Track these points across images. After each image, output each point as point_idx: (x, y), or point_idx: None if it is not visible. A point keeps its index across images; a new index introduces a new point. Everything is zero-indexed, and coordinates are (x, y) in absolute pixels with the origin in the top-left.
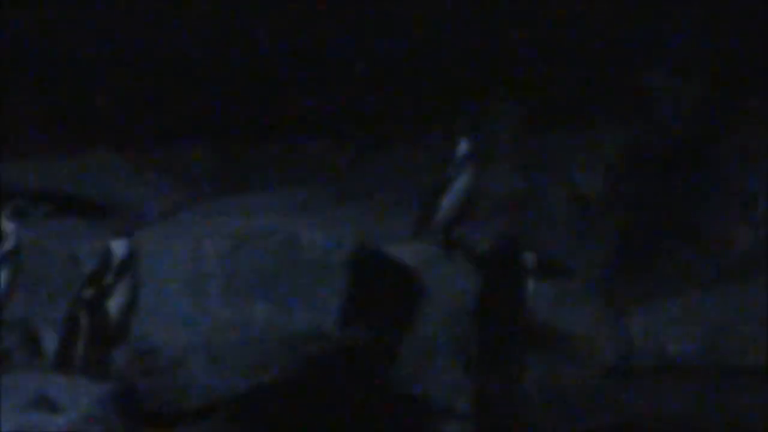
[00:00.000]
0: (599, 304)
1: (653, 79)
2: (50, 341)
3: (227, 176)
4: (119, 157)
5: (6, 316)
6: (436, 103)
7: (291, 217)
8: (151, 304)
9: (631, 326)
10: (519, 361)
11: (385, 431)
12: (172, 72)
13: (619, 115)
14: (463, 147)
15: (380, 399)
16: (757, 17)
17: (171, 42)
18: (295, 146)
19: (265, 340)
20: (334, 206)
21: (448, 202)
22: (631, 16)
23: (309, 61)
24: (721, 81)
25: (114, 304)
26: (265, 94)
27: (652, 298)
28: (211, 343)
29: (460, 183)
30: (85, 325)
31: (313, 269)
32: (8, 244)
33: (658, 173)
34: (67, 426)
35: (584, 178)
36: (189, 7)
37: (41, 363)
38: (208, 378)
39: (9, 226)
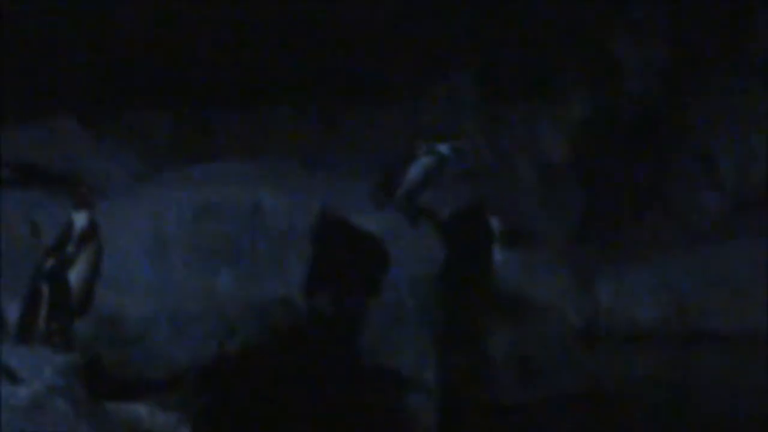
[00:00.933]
0: (566, 271)
1: (619, 47)
2: (13, 312)
3: (189, 145)
4: (81, 126)
5: None
6: (400, 73)
7: (255, 186)
8: (113, 275)
9: (599, 293)
10: (486, 328)
11: (351, 400)
12: (133, 41)
13: (585, 83)
14: (443, 148)
15: (346, 368)
16: None
17: (131, 12)
18: (257, 115)
19: (230, 309)
20: (299, 175)
21: (414, 172)
22: None
23: (272, 29)
24: (686, 49)
25: (76, 274)
26: (227, 64)
27: (620, 265)
28: (176, 313)
29: (428, 160)
30: (47, 295)
31: (277, 237)
32: None
33: (624, 140)
34: (29, 397)
35: (551, 145)
36: None
37: (3, 334)
38: (173, 348)
39: None
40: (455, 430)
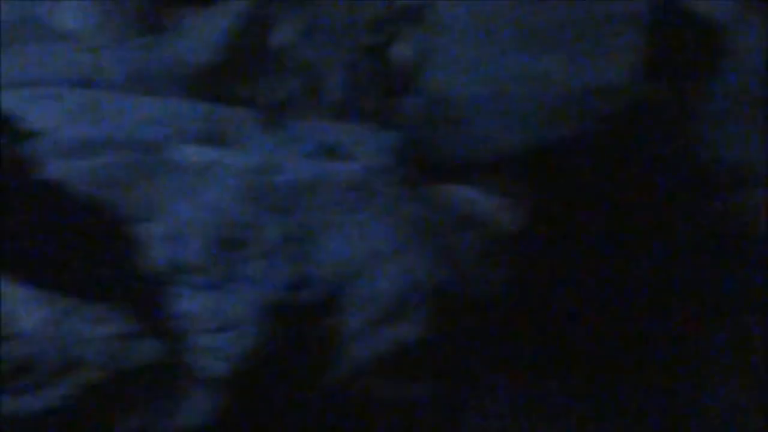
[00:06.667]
0: None
1: None
2: (335, 88)
3: None
4: None
5: (288, 61)
6: None
7: None
8: (442, 53)
9: None
10: None
11: (678, 193)
12: None
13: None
14: None
15: (672, 160)
16: None
17: None
18: None
19: (556, 94)
20: None
21: None
22: None
23: None
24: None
25: (398, 52)
26: None
27: None
28: (502, 95)
29: None
30: (370, 72)
31: (609, 22)
32: None
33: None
34: (350, 174)
35: None
36: None
37: (324, 111)
38: (495, 131)
39: None
40: None
